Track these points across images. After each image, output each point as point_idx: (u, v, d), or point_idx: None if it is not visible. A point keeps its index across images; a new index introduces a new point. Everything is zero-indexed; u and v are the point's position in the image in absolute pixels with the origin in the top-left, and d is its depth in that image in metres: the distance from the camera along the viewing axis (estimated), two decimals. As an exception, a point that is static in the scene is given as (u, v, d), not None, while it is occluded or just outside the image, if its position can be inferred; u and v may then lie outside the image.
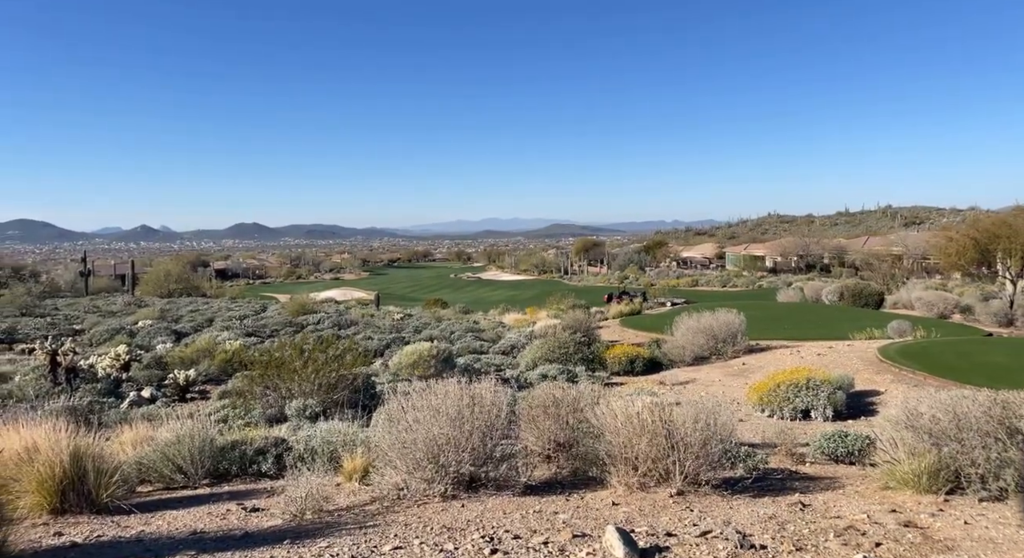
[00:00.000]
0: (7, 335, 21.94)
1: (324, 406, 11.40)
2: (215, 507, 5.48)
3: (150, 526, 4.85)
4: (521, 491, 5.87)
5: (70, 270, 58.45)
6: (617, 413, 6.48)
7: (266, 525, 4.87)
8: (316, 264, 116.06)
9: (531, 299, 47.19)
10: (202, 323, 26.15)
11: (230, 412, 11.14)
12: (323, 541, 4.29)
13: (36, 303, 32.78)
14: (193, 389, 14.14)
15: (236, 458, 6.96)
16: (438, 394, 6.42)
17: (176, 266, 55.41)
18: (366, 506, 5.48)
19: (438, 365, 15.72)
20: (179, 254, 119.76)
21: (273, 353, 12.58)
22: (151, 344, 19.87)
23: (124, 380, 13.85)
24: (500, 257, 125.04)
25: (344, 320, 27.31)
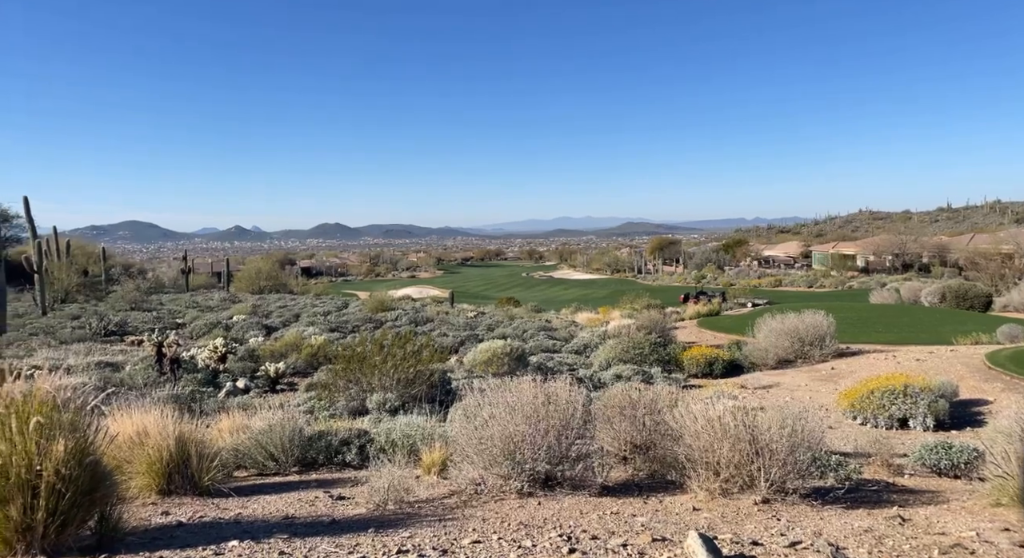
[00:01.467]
0: (119, 328, 23.95)
1: (403, 400, 11.75)
2: (304, 494, 5.76)
3: (247, 509, 5.16)
4: (597, 492, 5.83)
5: (173, 268, 63.12)
6: (697, 416, 6.31)
7: (351, 513, 5.07)
8: (394, 262, 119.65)
9: (604, 298, 46.67)
10: (290, 318, 27.54)
11: (316, 404, 11.68)
12: (405, 531, 4.42)
13: (144, 298, 35.60)
14: (282, 381, 14.92)
15: (323, 448, 7.29)
16: (513, 391, 6.48)
17: (266, 264, 58.66)
18: (444, 499, 5.60)
19: (511, 363, 15.83)
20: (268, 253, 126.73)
21: (355, 348, 13.08)
22: (244, 337, 21.13)
23: (221, 371, 14.81)
24: (572, 256, 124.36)
25: (420, 317, 28.00)
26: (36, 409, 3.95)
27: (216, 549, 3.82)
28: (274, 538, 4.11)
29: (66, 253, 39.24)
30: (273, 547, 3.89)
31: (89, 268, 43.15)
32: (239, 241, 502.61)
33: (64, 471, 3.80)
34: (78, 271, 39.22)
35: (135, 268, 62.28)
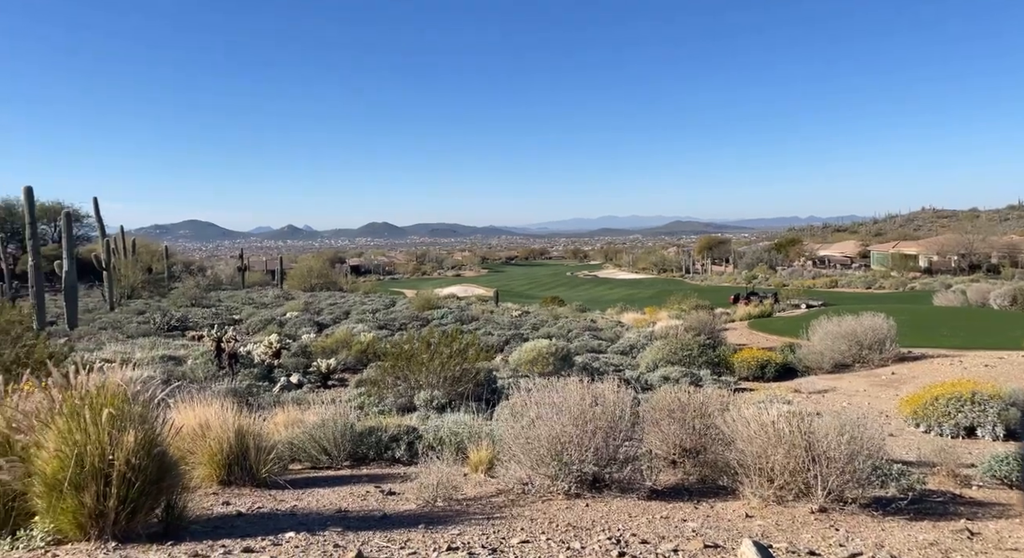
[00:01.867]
0: (180, 323, 25.04)
1: (449, 398, 11.87)
2: (356, 488, 5.90)
3: (301, 501, 5.32)
4: (646, 495, 5.76)
5: (230, 266, 65.52)
6: (749, 421, 6.16)
7: (402, 508, 5.16)
8: (439, 261, 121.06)
9: (650, 298, 46.04)
10: (340, 315, 28.22)
11: (366, 400, 11.93)
12: (454, 528, 4.47)
13: (203, 295, 37.10)
14: (334, 376, 15.31)
15: (373, 443, 7.45)
16: (560, 392, 6.46)
17: (317, 263, 60.26)
18: (492, 498, 5.63)
19: (556, 363, 15.79)
20: (319, 251, 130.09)
21: (402, 346, 13.29)
22: (297, 334, 21.76)
23: (276, 366, 15.30)
24: (617, 255, 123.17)
25: (466, 316, 28.24)
26: (108, 401, 4.16)
27: (274, 539, 3.95)
28: (328, 531, 4.22)
29: (132, 251, 41.25)
30: (328, 539, 4.00)
31: (153, 266, 45.25)
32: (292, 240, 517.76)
33: (134, 461, 3.99)
34: (143, 269, 41.20)
35: (195, 266, 64.98)
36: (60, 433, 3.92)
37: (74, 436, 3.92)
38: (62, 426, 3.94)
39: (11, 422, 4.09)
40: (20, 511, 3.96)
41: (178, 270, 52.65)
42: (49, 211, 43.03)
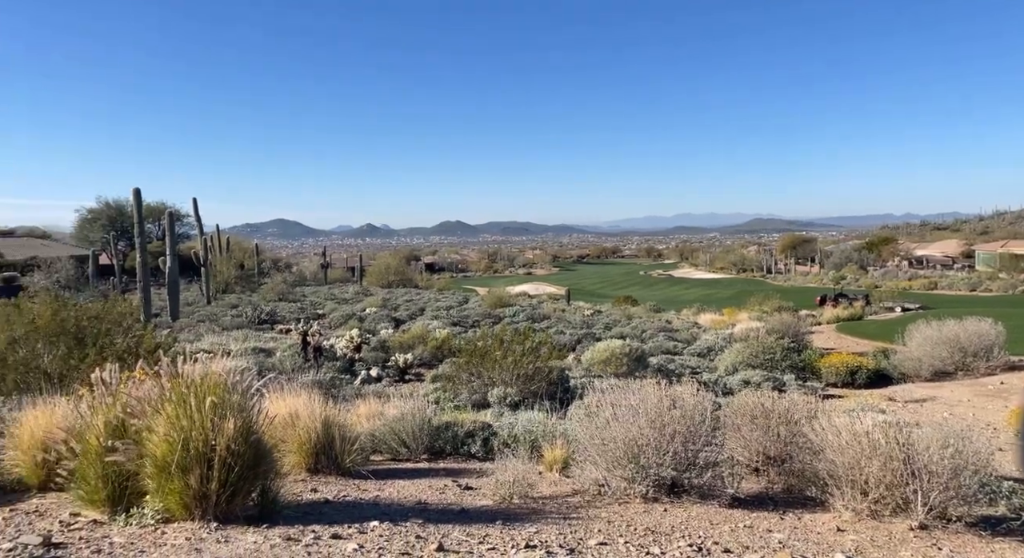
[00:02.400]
0: (269, 317, 26.49)
1: (522, 396, 11.94)
2: (434, 481, 6.03)
3: (383, 492, 5.51)
4: (728, 502, 5.57)
5: (313, 263, 68.69)
6: (841, 430, 5.84)
7: (479, 504, 5.24)
8: (511, 259, 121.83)
9: (729, 299, 44.46)
10: (415, 312, 28.96)
11: (441, 395, 12.19)
12: (531, 526, 4.49)
13: (290, 290, 39.07)
14: (410, 371, 15.74)
15: (449, 438, 7.60)
16: (636, 393, 6.36)
17: (394, 260, 62.15)
18: (568, 497, 5.62)
19: (630, 363, 15.55)
20: (396, 249, 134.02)
21: (476, 343, 13.49)
22: (376, 329, 22.52)
23: (357, 360, 15.92)
24: (693, 254, 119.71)
25: (537, 314, 28.29)
26: (211, 390, 4.45)
27: (360, 528, 4.10)
28: (410, 522, 4.35)
29: (226, 248, 44.00)
30: (410, 530, 4.11)
31: (245, 262, 48.06)
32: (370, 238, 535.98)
33: (233, 447, 4.26)
34: (236, 265, 43.86)
35: (282, 262, 68.55)
36: (169, 419, 4.24)
37: (181, 422, 4.22)
38: (171, 412, 4.26)
39: (126, 407, 4.45)
40: (133, 490, 4.31)
41: (267, 266, 55.68)
42: (154, 211, 46.46)
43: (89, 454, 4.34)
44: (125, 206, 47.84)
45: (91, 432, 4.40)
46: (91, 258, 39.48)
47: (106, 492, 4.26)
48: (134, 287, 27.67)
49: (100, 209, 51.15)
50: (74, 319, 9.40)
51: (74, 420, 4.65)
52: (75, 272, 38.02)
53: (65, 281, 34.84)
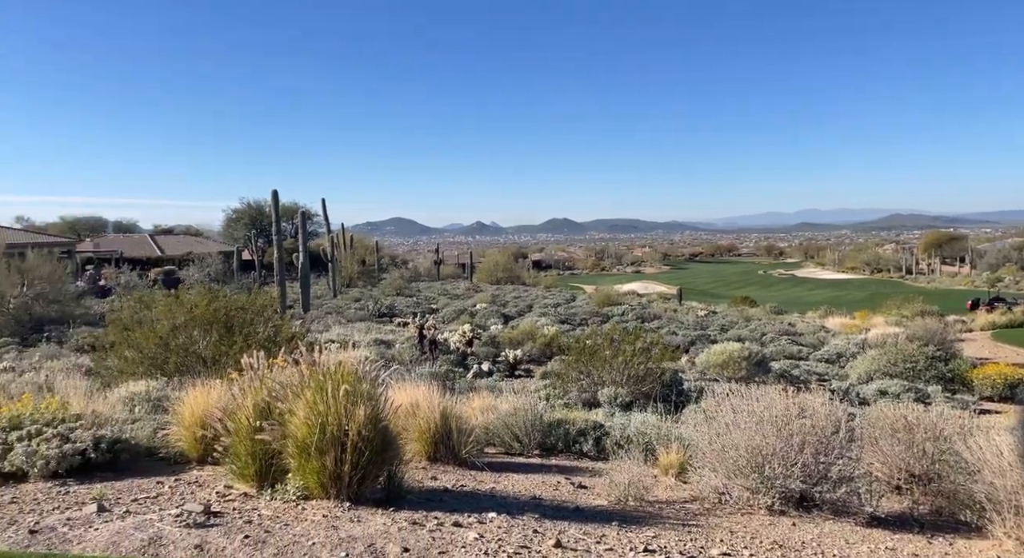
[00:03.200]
0: (388, 310, 27.93)
1: (633, 396, 11.71)
2: (547, 478, 6.07)
3: (499, 484, 5.62)
4: (865, 521, 5.14)
5: (427, 259, 71.60)
6: (1003, 449, 5.21)
7: (593, 503, 5.21)
8: (618, 257, 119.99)
9: (861, 302, 40.99)
10: (523, 308, 29.32)
11: (550, 392, 12.24)
12: (649, 530, 4.39)
13: (406, 285, 41.02)
14: (520, 367, 15.96)
15: (561, 435, 7.61)
16: (759, 399, 6.03)
17: (502, 258, 63.36)
18: (686, 503, 5.44)
19: (749, 368, 14.78)
20: (504, 247, 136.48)
21: (585, 341, 13.40)
22: (486, 324, 23.06)
23: (469, 354, 16.38)
24: (820, 252, 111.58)
25: (647, 313, 27.64)
26: (344, 378, 4.76)
27: (479, 518, 4.21)
28: (526, 516, 4.40)
29: (350, 245, 46.98)
30: (527, 524, 4.16)
31: (366, 258, 51.06)
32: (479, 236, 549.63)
33: (363, 432, 4.53)
34: (358, 261, 46.75)
35: (399, 259, 72.06)
36: (308, 404, 4.58)
37: (318, 407, 4.55)
38: (309, 398, 4.60)
39: (271, 392, 4.87)
40: (277, 467, 4.70)
41: (386, 263, 58.74)
42: (288, 211, 50.53)
43: (240, 433, 4.79)
44: (264, 206, 52.35)
45: (242, 413, 4.86)
46: (235, 254, 43.70)
47: (254, 468, 4.68)
48: (271, 281, 30.27)
49: (243, 209, 56.41)
50: (224, 309, 10.43)
51: (228, 401, 5.15)
52: (222, 266, 42.22)
53: (214, 274, 38.79)
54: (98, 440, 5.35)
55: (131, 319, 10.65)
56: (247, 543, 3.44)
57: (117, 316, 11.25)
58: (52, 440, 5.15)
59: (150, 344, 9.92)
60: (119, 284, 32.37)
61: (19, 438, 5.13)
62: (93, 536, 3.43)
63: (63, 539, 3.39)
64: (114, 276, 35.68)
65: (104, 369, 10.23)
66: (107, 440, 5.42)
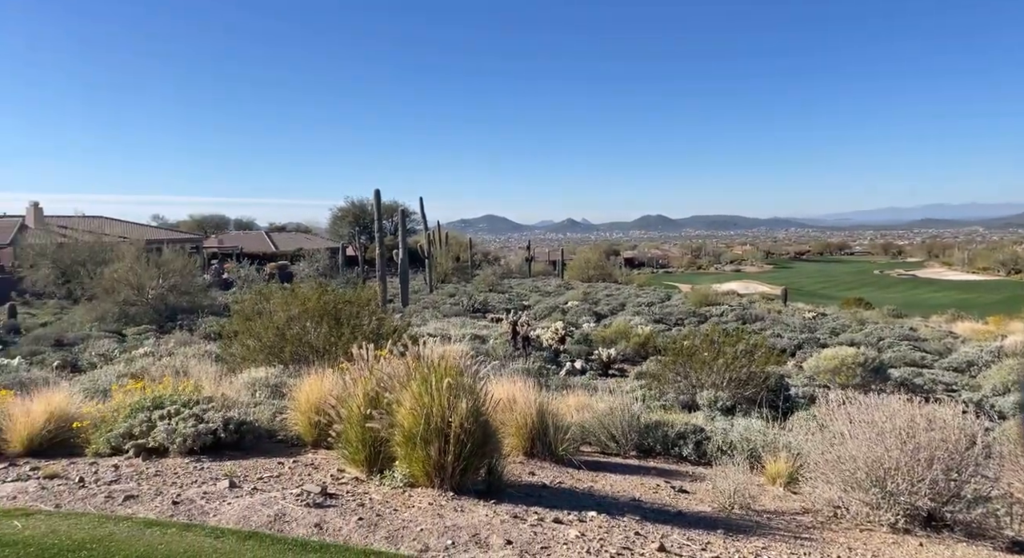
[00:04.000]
0: (482, 306, 28.47)
1: (735, 400, 11.25)
2: (646, 480, 5.96)
3: (596, 484, 5.58)
4: (1005, 546, 4.66)
5: (518, 256, 72.30)
6: None
7: (695, 509, 5.05)
8: (716, 255, 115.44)
9: (995, 305, 37.05)
10: (616, 307, 28.89)
11: (646, 393, 11.99)
12: (757, 541, 4.20)
13: (498, 282, 41.62)
14: (613, 366, 15.75)
15: (659, 438, 7.44)
16: (880, 408, 5.61)
17: (594, 255, 62.71)
18: (796, 515, 5.16)
19: (864, 374, 13.75)
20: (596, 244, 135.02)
21: (682, 342, 13.00)
22: (578, 322, 22.95)
23: (561, 351, 16.37)
24: (946, 251, 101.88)
25: (748, 314, 26.39)
26: (447, 372, 4.91)
27: (579, 516, 4.20)
28: (627, 517, 4.34)
29: (445, 242, 48.34)
30: (628, 526, 4.11)
31: (460, 255, 52.32)
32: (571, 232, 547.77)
33: (465, 425, 4.64)
34: (453, 257, 48.02)
35: (491, 255, 73.25)
36: (413, 395, 4.75)
37: (423, 399, 4.71)
38: (415, 389, 4.77)
39: (380, 382, 5.10)
40: (385, 455, 4.92)
41: (478, 259, 59.91)
42: (388, 209, 52.74)
43: (351, 420, 5.06)
44: (366, 205, 54.90)
45: (353, 401, 5.12)
46: (340, 250, 46.17)
47: (364, 454, 4.93)
48: (372, 276, 31.70)
49: (347, 208, 59.46)
50: (333, 303, 11.05)
51: (340, 389, 5.45)
52: (328, 262, 44.77)
53: (322, 269, 41.21)
54: (227, 421, 5.84)
55: (252, 310, 11.53)
56: (361, 525, 3.64)
57: (240, 307, 12.22)
58: (188, 420, 5.68)
59: (268, 334, 10.69)
60: (239, 277, 35.14)
61: (161, 417, 5.70)
62: (226, 510, 3.75)
63: (201, 511, 3.74)
64: (235, 270, 38.78)
65: (229, 356, 11.14)
66: (235, 422, 5.91)
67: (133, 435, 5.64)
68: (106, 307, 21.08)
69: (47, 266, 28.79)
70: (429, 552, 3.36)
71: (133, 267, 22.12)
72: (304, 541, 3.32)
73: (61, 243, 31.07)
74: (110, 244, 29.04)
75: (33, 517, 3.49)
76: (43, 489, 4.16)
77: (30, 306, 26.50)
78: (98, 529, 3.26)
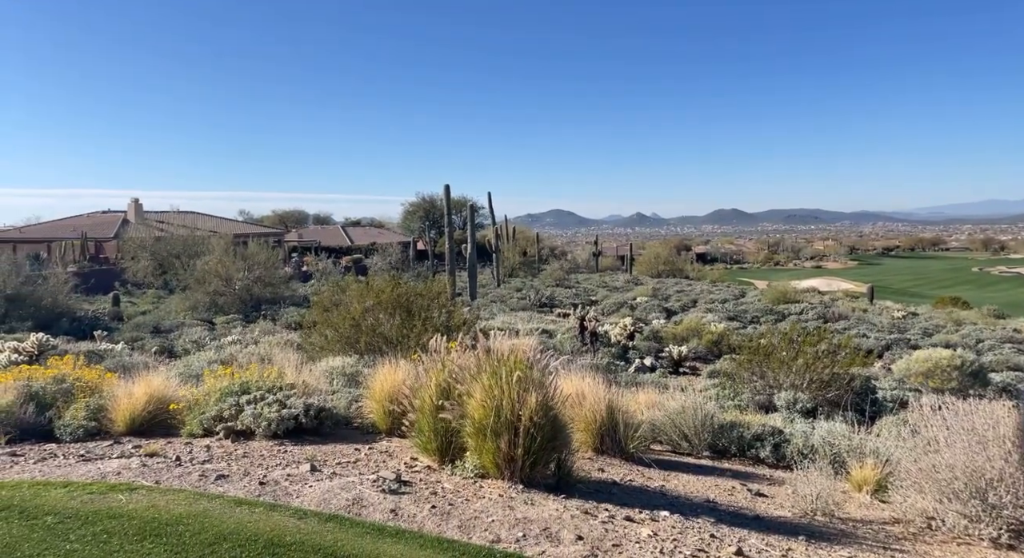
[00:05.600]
0: (548, 300, 28.44)
1: (815, 403, 10.73)
2: (720, 481, 5.78)
3: (668, 483, 5.46)
4: None
5: (585, 251, 71.65)
6: None
7: (774, 513, 4.85)
8: (795, 251, 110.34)
9: (1115, 305, 33.55)
10: (687, 303, 28.18)
11: (720, 392, 11.63)
12: (842, 550, 3.99)
13: (565, 277, 41.47)
14: (684, 364, 15.38)
15: (735, 438, 7.20)
16: (980, 414, 5.20)
17: (664, 250, 61.43)
18: (885, 525, 4.86)
19: (962, 378, 12.79)
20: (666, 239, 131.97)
21: (759, 340, 12.52)
22: (647, 318, 22.54)
23: (630, 348, 16.14)
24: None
25: (830, 313, 25.11)
26: (517, 365, 4.92)
27: (651, 515, 4.12)
28: (701, 519, 4.22)
29: (512, 237, 48.57)
30: (703, 528, 3.99)
31: (527, 250, 52.46)
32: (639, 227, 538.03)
33: (535, 418, 4.64)
34: (520, 252, 48.19)
35: (558, 250, 72.99)
36: (484, 388, 4.79)
37: (493, 391, 4.75)
38: (485, 382, 4.81)
39: (451, 374, 5.18)
40: (456, 445, 5.00)
41: (545, 254, 59.88)
42: (457, 204, 53.49)
43: (424, 410, 5.17)
44: (436, 200, 55.96)
45: (425, 391, 5.23)
46: (411, 244, 47.27)
47: (436, 443, 5.03)
48: (442, 269, 32.29)
49: (418, 203, 60.83)
50: (405, 295, 11.33)
51: (413, 380, 5.58)
52: (400, 256, 45.97)
53: (394, 263, 42.35)
54: (308, 407, 6.11)
55: (330, 302, 12.00)
56: (434, 513, 3.71)
57: (319, 299, 12.74)
58: (273, 405, 5.97)
59: (345, 324, 11.09)
60: (318, 270, 36.66)
61: (248, 402, 6.02)
62: (308, 492, 3.92)
63: (285, 492, 3.92)
64: (314, 263, 40.49)
65: (309, 345, 11.65)
66: (315, 408, 6.17)
67: (223, 418, 5.99)
68: (198, 297, 22.50)
69: (146, 258, 31.05)
70: (500, 543, 3.39)
71: (222, 259, 23.48)
72: (381, 526, 3.42)
73: (158, 237, 33.41)
74: (202, 238, 30.94)
75: (136, 492, 3.77)
76: (144, 466, 4.48)
77: (131, 295, 28.68)
78: (193, 505, 3.49)
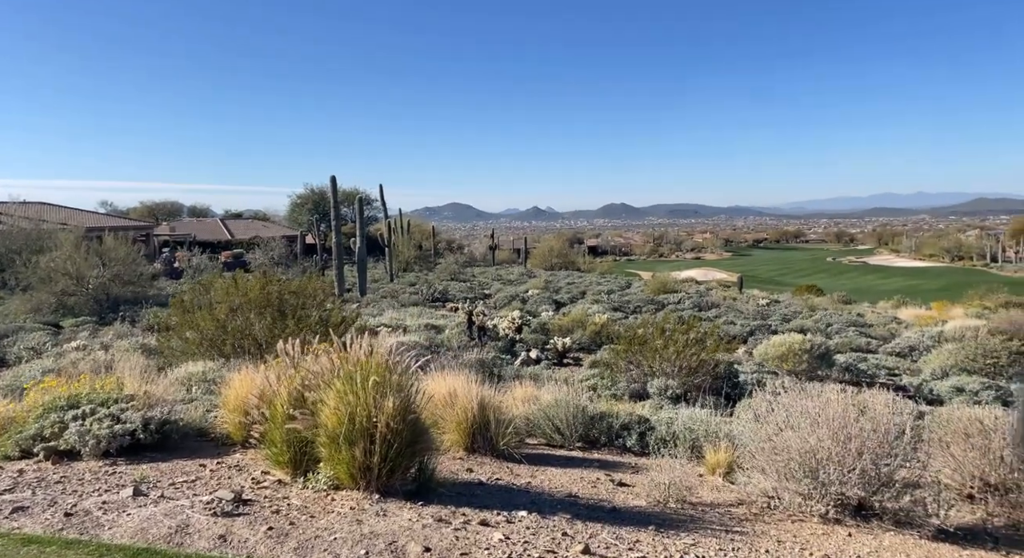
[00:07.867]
0: (442, 295, 28.17)
1: (684, 388, 11.33)
2: (587, 473, 5.89)
3: (535, 479, 5.48)
4: (932, 534, 4.73)
5: (482, 244, 71.92)
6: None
7: (631, 503, 5.00)
8: (677, 243, 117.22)
9: (938, 291, 38.53)
10: (576, 295, 28.97)
11: (598, 382, 12.00)
12: (688, 537, 4.16)
13: (460, 271, 41.32)
14: (569, 355, 15.74)
15: (604, 429, 7.40)
16: (814, 398, 5.66)
17: (557, 243, 62.92)
18: (731, 507, 5.15)
19: (812, 361, 14.05)
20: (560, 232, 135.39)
21: (636, 330, 13.05)
22: (537, 311, 22.90)
23: (517, 341, 16.27)
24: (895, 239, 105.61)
25: (705, 302, 26.78)
26: (374, 369, 4.71)
27: (508, 516, 4.09)
28: (558, 516, 4.25)
29: (407, 231, 47.67)
30: (556, 526, 4.01)
31: (422, 243, 51.72)
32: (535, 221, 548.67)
33: (392, 424, 4.46)
34: (415, 246, 47.40)
35: (455, 244, 72.66)
36: (338, 394, 4.55)
37: (347, 398, 4.51)
38: (339, 388, 4.57)
39: (304, 380, 4.87)
40: (311, 456, 4.71)
41: (442, 247, 59.36)
42: (348, 196, 51.68)
43: (276, 419, 4.83)
44: (326, 192, 53.73)
45: (277, 400, 4.89)
46: (299, 238, 45.09)
47: (289, 455, 4.71)
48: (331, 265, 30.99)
49: (307, 195, 58.14)
50: (277, 293, 10.68)
51: (264, 387, 5.20)
52: (286, 250, 43.68)
53: (278, 258, 40.18)
54: (147, 421, 5.54)
55: (192, 302, 11.07)
56: (269, 535, 3.44)
57: (179, 298, 11.73)
58: (104, 420, 5.35)
59: (209, 326, 10.28)
60: (190, 266, 34.00)
61: (74, 417, 5.36)
62: (124, 522, 3.50)
63: (96, 523, 3.48)
64: (187, 259, 37.51)
65: (168, 349, 10.69)
66: (156, 421, 5.60)
67: (43, 437, 5.30)
68: (42, 298, 20.09)
69: (-22, 255, 27.29)
70: (340, 562, 3.19)
71: (72, 255, 21.10)
72: (202, 557, 3.10)
73: (-6, 231, 29.49)
74: (48, 231, 27.67)
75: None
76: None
77: (-39, 297, 25.09)
78: (-29, 548, 2.99)
